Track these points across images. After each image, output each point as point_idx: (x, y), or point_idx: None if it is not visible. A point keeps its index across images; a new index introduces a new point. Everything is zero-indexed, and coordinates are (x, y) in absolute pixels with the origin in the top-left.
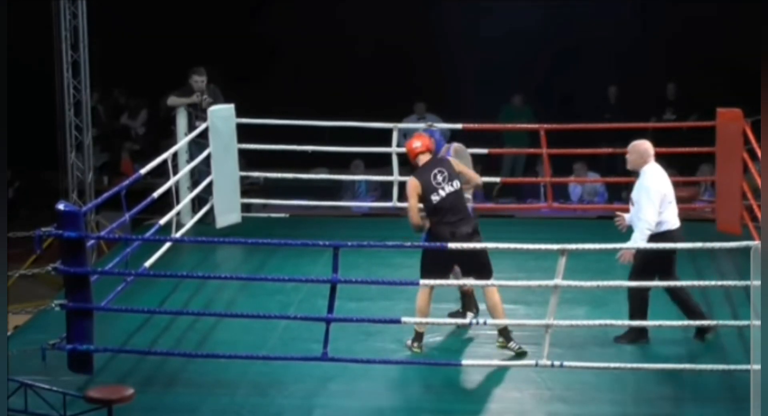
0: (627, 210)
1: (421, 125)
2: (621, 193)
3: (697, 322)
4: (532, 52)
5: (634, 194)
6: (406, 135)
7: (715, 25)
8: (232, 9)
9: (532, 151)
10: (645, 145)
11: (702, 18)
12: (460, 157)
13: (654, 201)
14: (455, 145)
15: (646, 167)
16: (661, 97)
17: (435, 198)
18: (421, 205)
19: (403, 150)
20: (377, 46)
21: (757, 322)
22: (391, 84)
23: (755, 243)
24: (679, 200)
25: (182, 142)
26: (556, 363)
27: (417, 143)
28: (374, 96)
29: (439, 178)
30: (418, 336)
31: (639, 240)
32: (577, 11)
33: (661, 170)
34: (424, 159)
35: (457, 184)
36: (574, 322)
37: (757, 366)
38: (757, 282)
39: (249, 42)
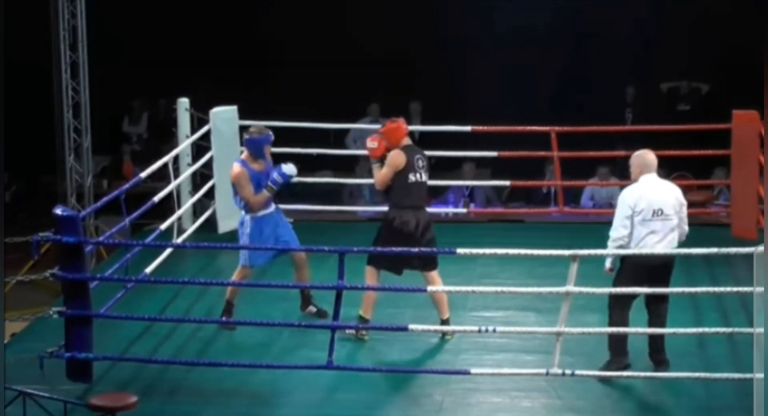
0: None
1: (376, 126)
2: None
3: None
4: (544, 49)
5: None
6: (356, 140)
7: (734, 22)
8: (234, 10)
9: (543, 154)
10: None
11: (720, 14)
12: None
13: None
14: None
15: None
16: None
17: (412, 178)
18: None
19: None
20: (382, 47)
21: (761, 329)
22: (396, 86)
23: (758, 248)
24: (694, 204)
25: (183, 144)
26: (567, 371)
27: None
28: (377, 98)
29: (420, 163)
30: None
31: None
32: (588, 6)
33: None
34: (405, 141)
35: (426, 177)
36: (585, 330)
37: (760, 375)
38: (761, 289)
39: (252, 43)
